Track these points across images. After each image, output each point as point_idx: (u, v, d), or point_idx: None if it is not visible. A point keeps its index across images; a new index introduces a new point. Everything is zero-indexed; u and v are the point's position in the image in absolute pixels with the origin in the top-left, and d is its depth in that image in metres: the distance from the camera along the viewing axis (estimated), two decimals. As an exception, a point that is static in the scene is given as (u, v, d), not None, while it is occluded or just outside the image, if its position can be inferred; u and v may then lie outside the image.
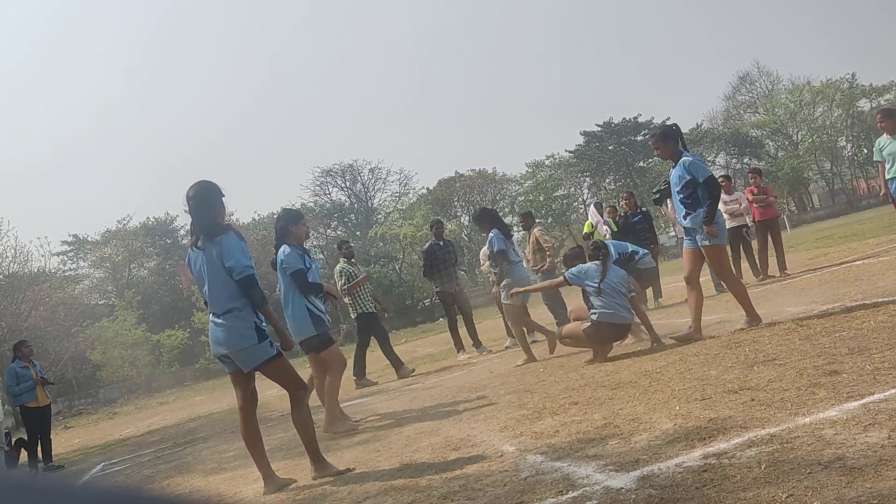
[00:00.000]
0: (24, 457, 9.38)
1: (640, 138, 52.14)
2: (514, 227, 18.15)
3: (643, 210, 11.01)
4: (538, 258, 9.44)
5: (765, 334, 5.19)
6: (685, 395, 3.88)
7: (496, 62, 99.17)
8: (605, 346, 6.12)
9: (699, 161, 6.02)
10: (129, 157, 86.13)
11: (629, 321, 6.17)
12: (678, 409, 3.60)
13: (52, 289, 34.05)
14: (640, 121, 53.30)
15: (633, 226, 10.73)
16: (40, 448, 9.39)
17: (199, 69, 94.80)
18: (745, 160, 53.71)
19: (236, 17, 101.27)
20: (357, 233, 48.53)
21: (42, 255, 53.61)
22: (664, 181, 6.69)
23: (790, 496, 2.19)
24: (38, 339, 27.67)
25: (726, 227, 11.23)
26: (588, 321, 6.12)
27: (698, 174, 5.84)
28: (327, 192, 52.74)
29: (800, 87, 55.88)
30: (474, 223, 8.72)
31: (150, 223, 50.10)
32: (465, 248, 42.89)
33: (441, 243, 10.04)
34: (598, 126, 53.92)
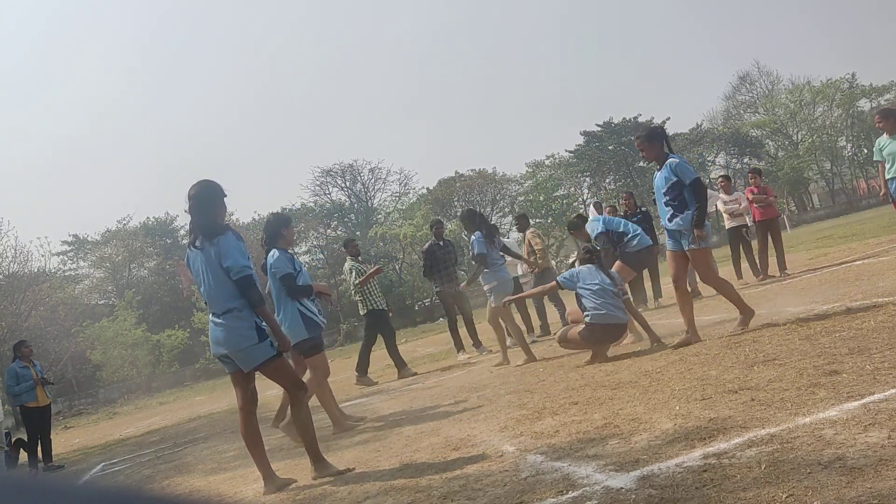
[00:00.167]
0: (24, 457, 9.38)
1: (639, 138, 52.05)
2: (512, 228, 18.19)
3: (643, 210, 11.01)
4: (532, 260, 9.47)
5: (765, 334, 5.19)
6: (685, 395, 3.88)
7: (496, 62, 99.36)
8: (603, 347, 6.12)
9: (685, 163, 5.98)
10: (129, 157, 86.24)
11: (624, 321, 6.17)
12: (678, 409, 3.60)
13: (52, 289, 34.02)
14: (641, 121, 53.20)
15: (632, 226, 10.73)
16: (40, 448, 9.39)
17: (198, 69, 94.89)
18: (745, 160, 53.69)
19: (236, 18, 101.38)
20: (357, 233, 48.45)
21: (42, 255, 53.70)
22: None
23: (790, 496, 2.19)
24: (38, 339, 27.64)
25: (727, 227, 11.33)
26: (583, 324, 6.14)
27: (685, 176, 5.80)
28: (327, 192, 52.82)
29: (800, 87, 55.90)
30: (461, 224, 8.79)
31: (150, 223, 50.07)
32: (464, 248, 42.85)
33: (441, 243, 10.04)
34: (598, 126, 53.89)
